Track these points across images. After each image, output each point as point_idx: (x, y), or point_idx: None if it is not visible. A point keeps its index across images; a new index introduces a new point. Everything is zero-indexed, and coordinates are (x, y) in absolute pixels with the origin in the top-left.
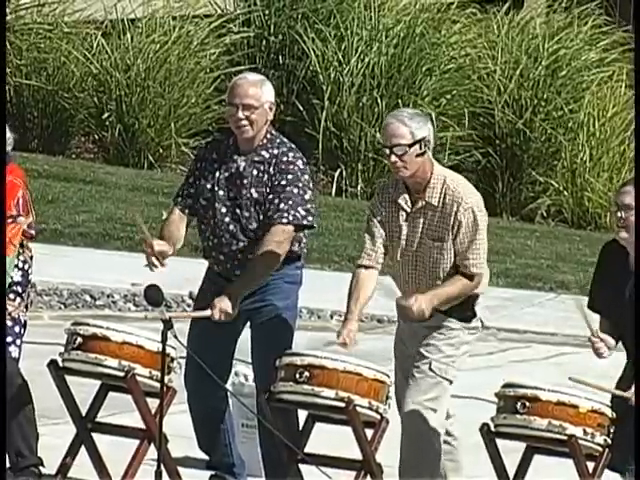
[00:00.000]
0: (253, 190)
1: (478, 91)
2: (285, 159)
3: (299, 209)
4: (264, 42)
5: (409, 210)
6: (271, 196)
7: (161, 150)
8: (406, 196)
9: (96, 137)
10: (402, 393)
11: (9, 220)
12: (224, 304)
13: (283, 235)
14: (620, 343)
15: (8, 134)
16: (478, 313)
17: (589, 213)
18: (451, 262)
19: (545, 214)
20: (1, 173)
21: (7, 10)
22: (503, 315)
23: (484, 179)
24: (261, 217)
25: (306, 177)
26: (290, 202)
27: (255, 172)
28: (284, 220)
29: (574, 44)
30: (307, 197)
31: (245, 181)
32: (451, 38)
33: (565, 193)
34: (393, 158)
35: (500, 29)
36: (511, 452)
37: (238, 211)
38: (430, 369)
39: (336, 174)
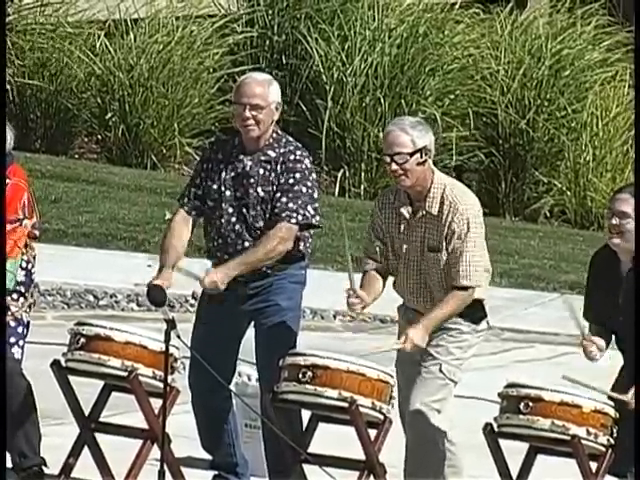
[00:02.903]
0: (260, 189)
1: (481, 91)
2: (292, 157)
3: (308, 208)
4: (267, 42)
5: (409, 219)
6: (279, 194)
7: (164, 150)
8: (407, 205)
9: (99, 137)
10: (406, 398)
11: (16, 223)
12: (215, 275)
13: (289, 233)
14: (616, 347)
15: (8, 132)
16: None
17: (592, 213)
18: None
19: (548, 214)
20: (1, 173)
21: (10, 10)
22: (506, 315)
23: (487, 179)
24: (267, 216)
25: (313, 176)
26: (299, 201)
27: (262, 171)
28: (293, 220)
29: (577, 44)
30: (315, 196)
31: (252, 180)
32: (454, 38)
33: (568, 193)
34: (394, 166)
35: (503, 29)
36: (514, 453)
37: (245, 210)
38: (440, 371)
39: (339, 174)
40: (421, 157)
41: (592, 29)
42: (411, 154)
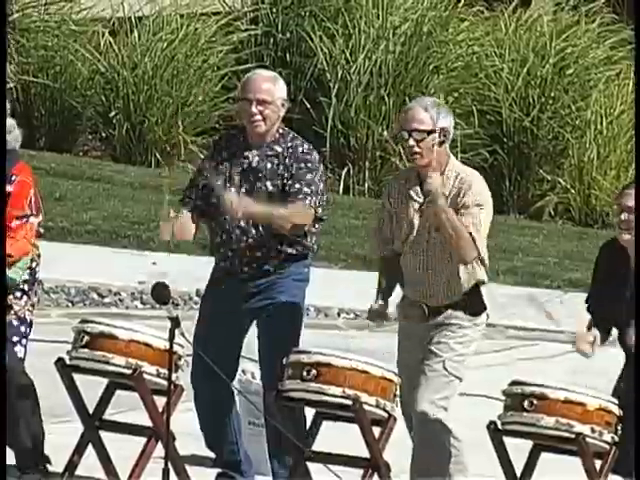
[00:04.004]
0: (268, 183)
1: (485, 89)
2: (301, 150)
3: (319, 197)
4: (272, 40)
5: (420, 202)
6: (291, 181)
7: (168, 148)
8: (417, 188)
9: (103, 135)
10: (409, 398)
11: (24, 220)
12: (247, 201)
13: (307, 212)
14: (618, 343)
15: (17, 130)
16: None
17: (596, 211)
18: None
19: (552, 212)
20: (1, 173)
21: (14, 8)
22: (510, 313)
23: (491, 177)
24: None
25: (322, 169)
26: (312, 187)
27: (269, 165)
28: (308, 201)
29: (581, 42)
30: (322, 187)
31: (260, 175)
32: (458, 36)
33: (572, 191)
34: (411, 142)
35: (507, 27)
36: (518, 451)
37: None
38: (444, 368)
39: (343, 172)
40: (439, 137)
41: (596, 27)
42: (429, 132)
